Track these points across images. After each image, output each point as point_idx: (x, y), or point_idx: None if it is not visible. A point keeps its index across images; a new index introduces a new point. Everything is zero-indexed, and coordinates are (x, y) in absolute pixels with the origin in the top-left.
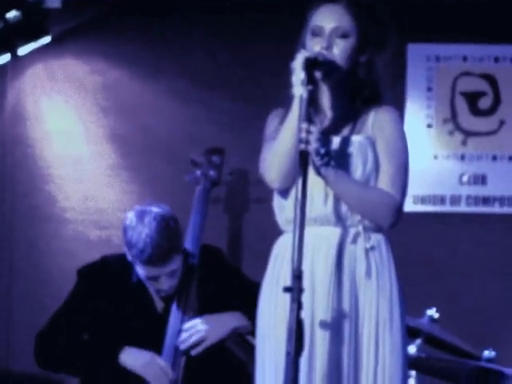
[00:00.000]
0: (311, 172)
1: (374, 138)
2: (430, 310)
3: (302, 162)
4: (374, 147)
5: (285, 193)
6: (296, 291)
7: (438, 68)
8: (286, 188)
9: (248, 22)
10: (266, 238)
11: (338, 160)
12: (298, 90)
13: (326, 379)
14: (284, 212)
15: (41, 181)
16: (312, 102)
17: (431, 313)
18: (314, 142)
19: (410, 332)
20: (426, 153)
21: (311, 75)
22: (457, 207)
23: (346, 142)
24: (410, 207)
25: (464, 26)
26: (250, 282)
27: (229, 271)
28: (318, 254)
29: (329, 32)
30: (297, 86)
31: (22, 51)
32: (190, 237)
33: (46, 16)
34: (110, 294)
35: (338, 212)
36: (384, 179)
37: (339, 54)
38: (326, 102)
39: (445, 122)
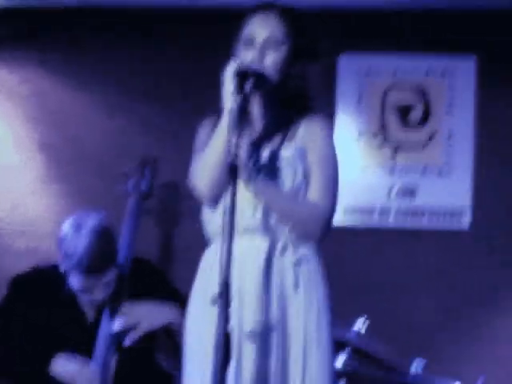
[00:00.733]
0: (241, 184)
1: (304, 149)
2: (358, 321)
3: (232, 174)
4: (305, 158)
5: (214, 204)
6: (223, 302)
7: (368, 80)
8: (216, 199)
9: (179, 33)
10: (197, 249)
11: (267, 173)
12: (228, 102)
13: None
14: (212, 224)
15: None
16: (242, 112)
17: (359, 325)
18: (243, 155)
19: (338, 344)
20: (355, 164)
21: (241, 86)
22: (386, 219)
23: (274, 156)
24: (340, 218)
25: (395, 38)
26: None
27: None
28: (246, 266)
29: (261, 42)
30: (226, 98)
31: None
32: (121, 248)
33: None
34: (41, 303)
35: (267, 223)
36: (313, 190)
37: (271, 65)
38: (257, 112)
39: (374, 136)
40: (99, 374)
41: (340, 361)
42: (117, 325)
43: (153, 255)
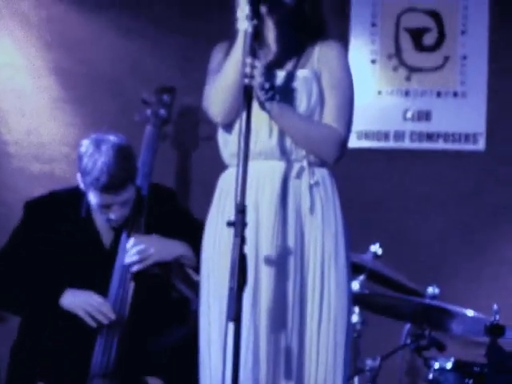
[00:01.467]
0: (255, 106)
1: (319, 73)
2: (373, 245)
3: (247, 96)
4: (319, 81)
5: (229, 127)
6: (239, 226)
7: (382, 3)
8: (230, 122)
9: None
10: (215, 173)
11: (282, 94)
12: (243, 25)
13: (270, 313)
14: (228, 146)
15: None
16: (257, 36)
17: (375, 249)
18: (258, 77)
19: (354, 268)
20: (370, 88)
21: (256, 10)
22: (401, 143)
23: (290, 77)
24: (354, 143)
25: None
26: (199, 224)
27: (179, 213)
28: (263, 189)
29: None
30: (241, 21)
31: None
32: (140, 173)
33: None
34: (57, 228)
35: (283, 146)
36: (329, 113)
37: None
38: (271, 36)
39: (389, 58)
40: (113, 302)
41: (356, 284)
42: (127, 257)
43: (170, 180)
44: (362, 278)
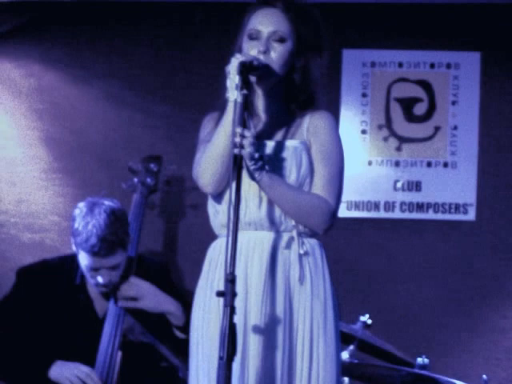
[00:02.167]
0: (245, 176)
1: (308, 143)
2: (363, 316)
3: (236, 166)
4: (309, 152)
5: (219, 197)
6: (229, 296)
7: (373, 74)
8: (219, 192)
9: (184, 28)
10: (202, 240)
11: (272, 164)
12: (233, 95)
13: (259, 383)
14: (218, 216)
15: None
16: (246, 105)
17: (364, 319)
18: (247, 147)
19: (344, 338)
20: (360, 158)
21: (246, 79)
22: (391, 213)
23: (280, 147)
24: (344, 213)
25: (400, 31)
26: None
27: (167, 286)
28: (252, 259)
29: (266, 36)
30: (231, 91)
31: None
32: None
33: None
34: (49, 295)
35: (272, 217)
36: (319, 184)
37: (276, 59)
38: (261, 105)
39: (379, 128)
40: (100, 371)
41: (346, 354)
42: (119, 293)
43: (158, 248)
44: (351, 347)
